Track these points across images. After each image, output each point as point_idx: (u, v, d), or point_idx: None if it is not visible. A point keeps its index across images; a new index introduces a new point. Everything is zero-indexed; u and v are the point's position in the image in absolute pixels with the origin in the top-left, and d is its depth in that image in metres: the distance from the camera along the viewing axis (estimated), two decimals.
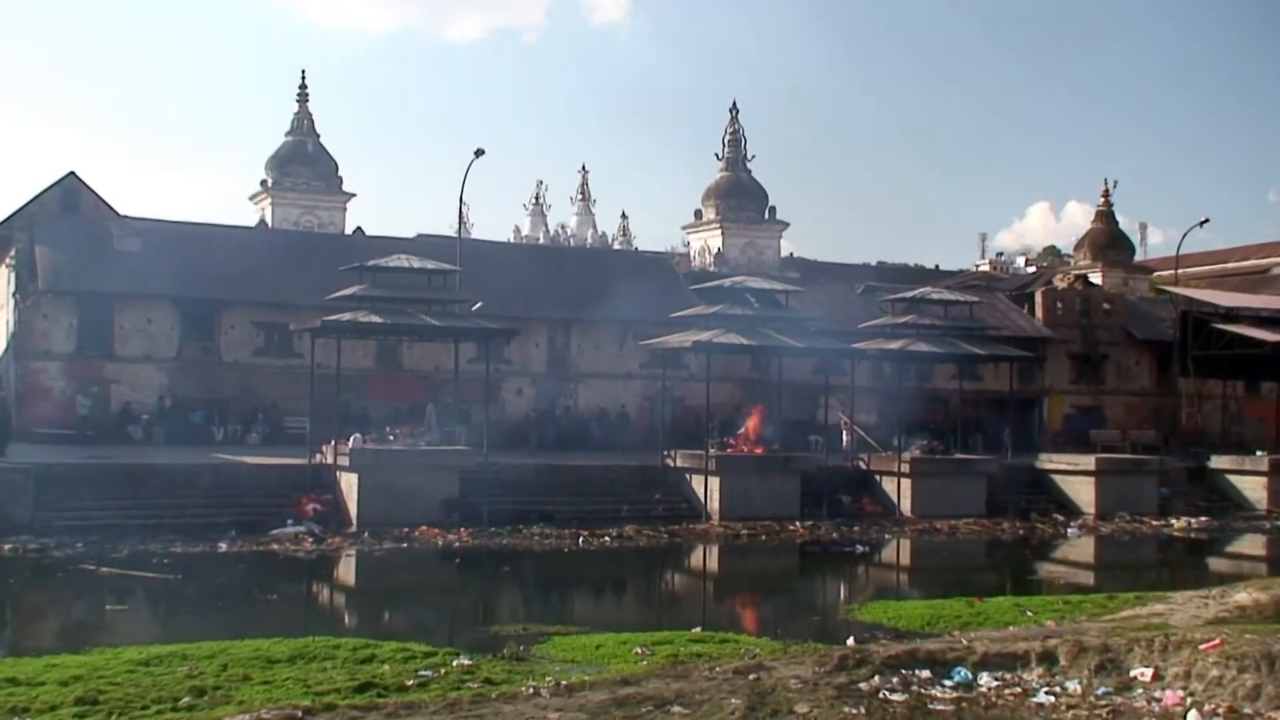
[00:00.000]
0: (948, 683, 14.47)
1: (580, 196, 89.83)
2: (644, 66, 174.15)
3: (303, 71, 68.96)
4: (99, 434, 39.98)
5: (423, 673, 15.67)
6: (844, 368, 44.47)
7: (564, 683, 14.20)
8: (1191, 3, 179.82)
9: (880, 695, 13.77)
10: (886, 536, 36.31)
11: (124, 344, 42.26)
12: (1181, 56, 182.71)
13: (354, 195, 66.80)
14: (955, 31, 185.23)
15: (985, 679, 14.68)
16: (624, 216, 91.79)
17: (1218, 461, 46.09)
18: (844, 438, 43.09)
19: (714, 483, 36.95)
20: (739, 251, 58.10)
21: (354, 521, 32.58)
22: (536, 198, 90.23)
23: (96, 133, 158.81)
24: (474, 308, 40.28)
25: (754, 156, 62.61)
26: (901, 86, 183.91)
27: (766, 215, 59.51)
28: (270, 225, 60.96)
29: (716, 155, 63.02)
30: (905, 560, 34.43)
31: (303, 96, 66.37)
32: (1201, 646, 14.72)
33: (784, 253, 65.41)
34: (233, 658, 16.30)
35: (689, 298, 45.92)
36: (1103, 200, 71.60)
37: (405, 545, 31.00)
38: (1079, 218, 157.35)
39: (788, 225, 62.12)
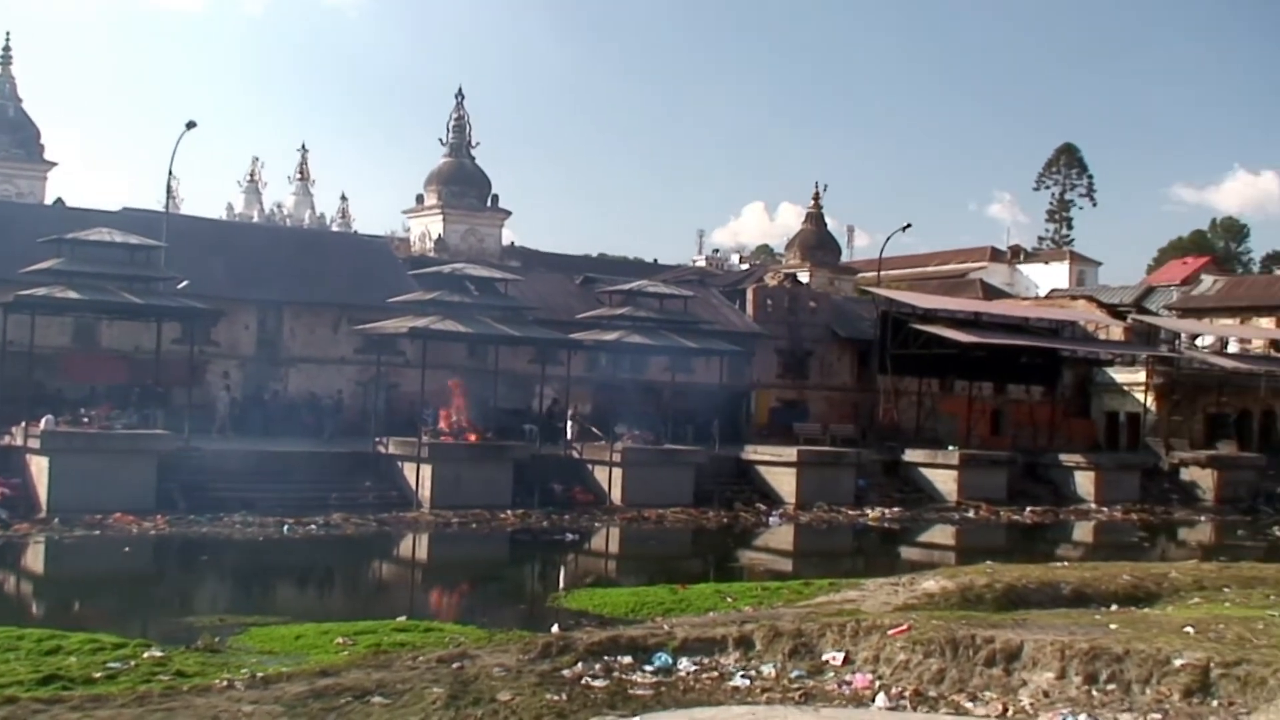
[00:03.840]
0: (649, 668, 14.72)
1: (299, 176, 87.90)
2: (371, 47, 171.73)
3: (7, 33, 65.09)
4: None
5: (112, 665, 15.03)
6: (561, 357, 44.75)
7: (260, 675, 13.87)
8: (898, 14, 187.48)
9: (583, 682, 13.91)
10: (596, 525, 36.73)
11: None
12: (888, 66, 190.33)
13: (55, 164, 63.74)
14: (679, 30, 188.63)
15: (685, 664, 14.98)
16: (344, 199, 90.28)
17: (912, 455, 48.20)
18: (569, 427, 43.27)
19: (426, 470, 36.66)
20: (460, 238, 57.73)
21: (44, 507, 31.01)
22: (252, 175, 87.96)
23: None
24: (179, 286, 38.76)
25: (478, 143, 62.46)
26: (627, 82, 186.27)
27: (489, 203, 59.33)
28: None
29: (441, 140, 62.56)
30: (614, 548, 34.94)
31: (5, 59, 62.86)
32: (890, 632, 15.35)
33: (505, 241, 65.38)
34: None
35: (408, 283, 45.39)
36: (813, 203, 73.92)
37: (98, 532, 29.71)
38: (791, 218, 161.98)
39: (510, 214, 62.16)
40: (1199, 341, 71.69)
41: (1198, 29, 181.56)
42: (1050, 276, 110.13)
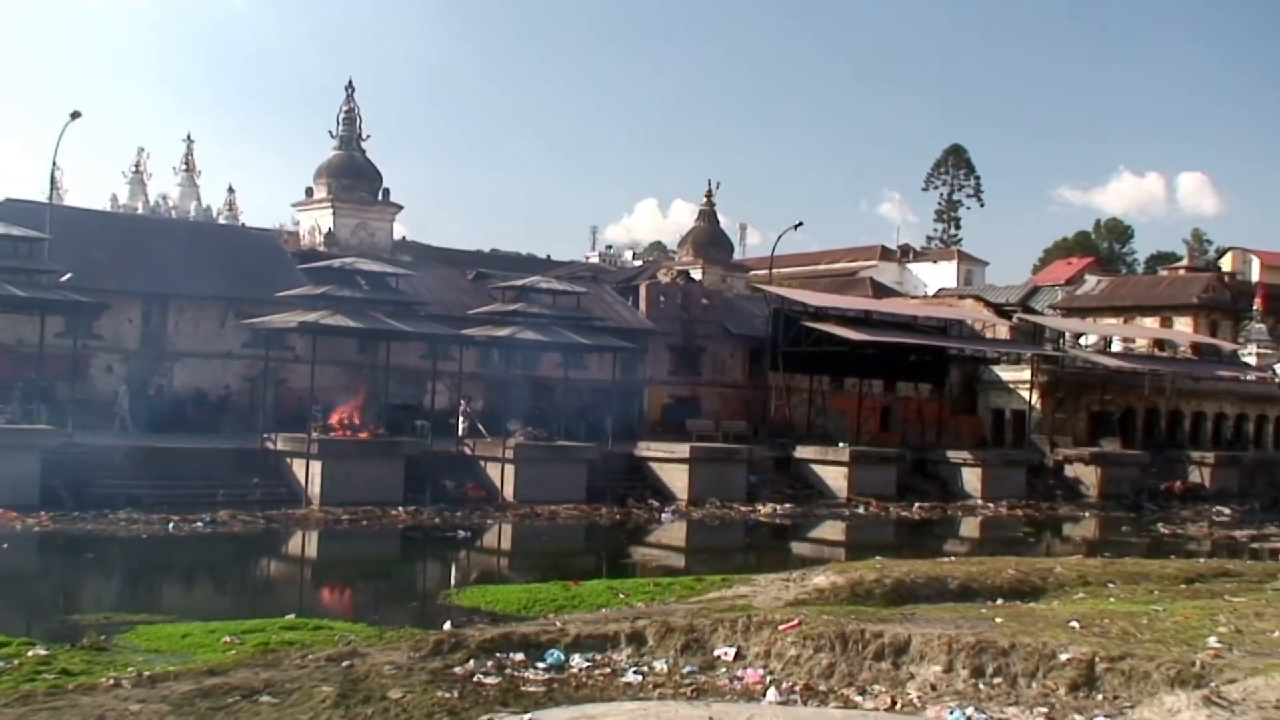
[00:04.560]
0: (541, 665, 14.69)
1: (184, 167, 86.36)
2: (260, 38, 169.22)
3: None
4: None
5: None
6: (453, 353, 44.48)
7: (147, 674, 13.63)
8: (792, 13, 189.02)
9: (475, 679, 13.85)
10: (489, 521, 36.58)
11: None
12: (782, 64, 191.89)
13: None
14: (573, 26, 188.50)
15: (577, 660, 14.98)
16: (231, 191, 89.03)
17: (803, 452, 48.63)
18: (461, 423, 43.02)
19: (315, 467, 36.28)
20: (351, 232, 56.98)
21: None
22: (137, 166, 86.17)
23: None
24: (62, 279, 38.00)
25: (369, 136, 61.71)
26: (522, 78, 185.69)
27: (380, 197, 58.61)
28: None
29: (331, 133, 61.69)
30: (506, 545, 34.82)
31: None
32: (781, 627, 15.47)
33: (397, 236, 64.68)
34: None
35: (297, 277, 44.76)
36: (706, 200, 74.03)
37: None
38: (684, 215, 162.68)
39: (401, 208, 61.50)
40: (1083, 340, 73.25)
41: (1084, 31, 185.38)
42: (939, 275, 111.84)
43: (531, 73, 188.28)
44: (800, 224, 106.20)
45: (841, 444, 49.22)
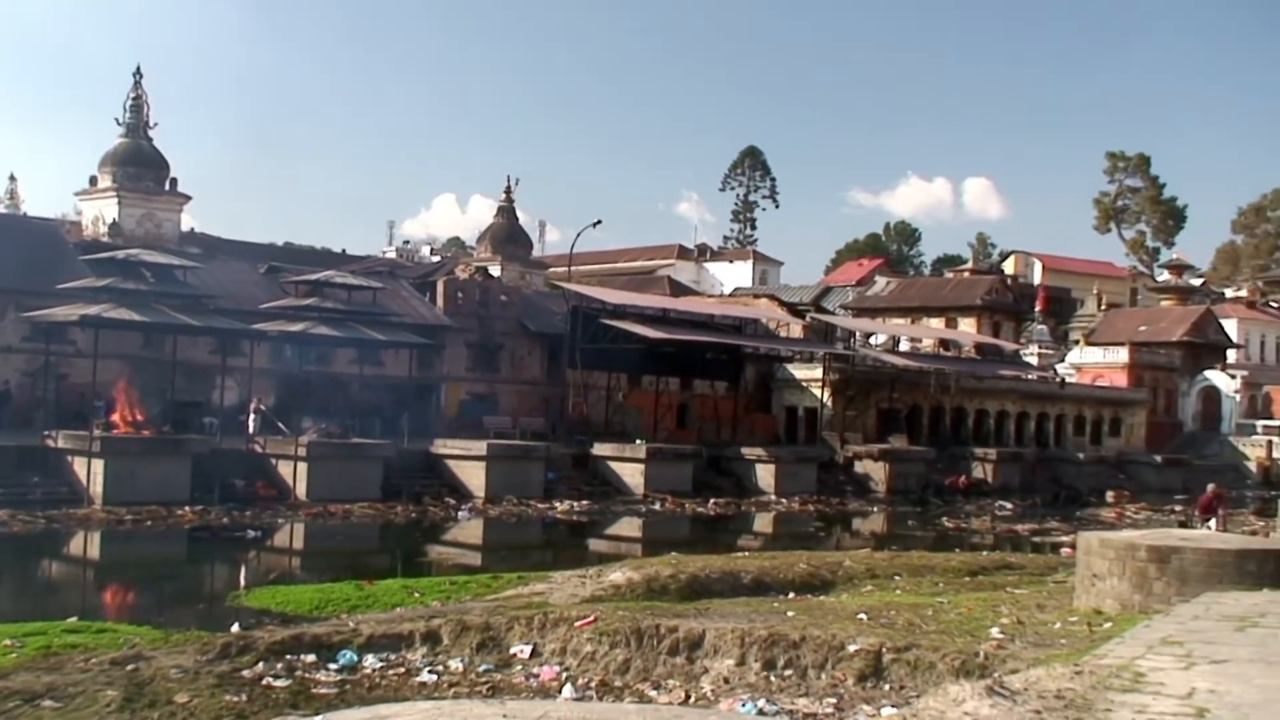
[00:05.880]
0: (333, 666, 14.49)
1: None
2: (43, 21, 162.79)
3: None
4: None
5: None
6: (243, 348, 43.49)
7: None
8: (590, 12, 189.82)
9: (264, 681, 13.61)
10: (280, 521, 35.87)
11: None
12: (581, 62, 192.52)
13: None
14: (370, 18, 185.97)
15: (371, 660, 14.82)
16: (13, 179, 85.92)
17: (600, 449, 48.81)
18: (251, 421, 41.97)
19: (98, 465, 35.11)
20: (136, 223, 55.22)
21: None
22: None
23: None
24: None
25: (157, 124, 59.97)
26: (317, 68, 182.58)
27: (167, 186, 56.96)
28: None
29: (117, 120, 59.76)
30: (298, 544, 34.22)
31: None
32: (577, 624, 15.53)
33: (186, 227, 62.97)
34: None
35: (80, 269, 43.21)
36: (505, 196, 73.91)
37: None
38: (483, 211, 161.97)
39: (190, 199, 59.77)
40: (873, 340, 75.24)
41: (876, 38, 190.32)
42: (735, 275, 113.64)
43: (327, 64, 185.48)
44: (599, 222, 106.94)
45: (639, 441, 49.53)
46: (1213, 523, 31.17)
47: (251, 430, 41.44)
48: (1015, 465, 61.34)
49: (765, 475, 51.32)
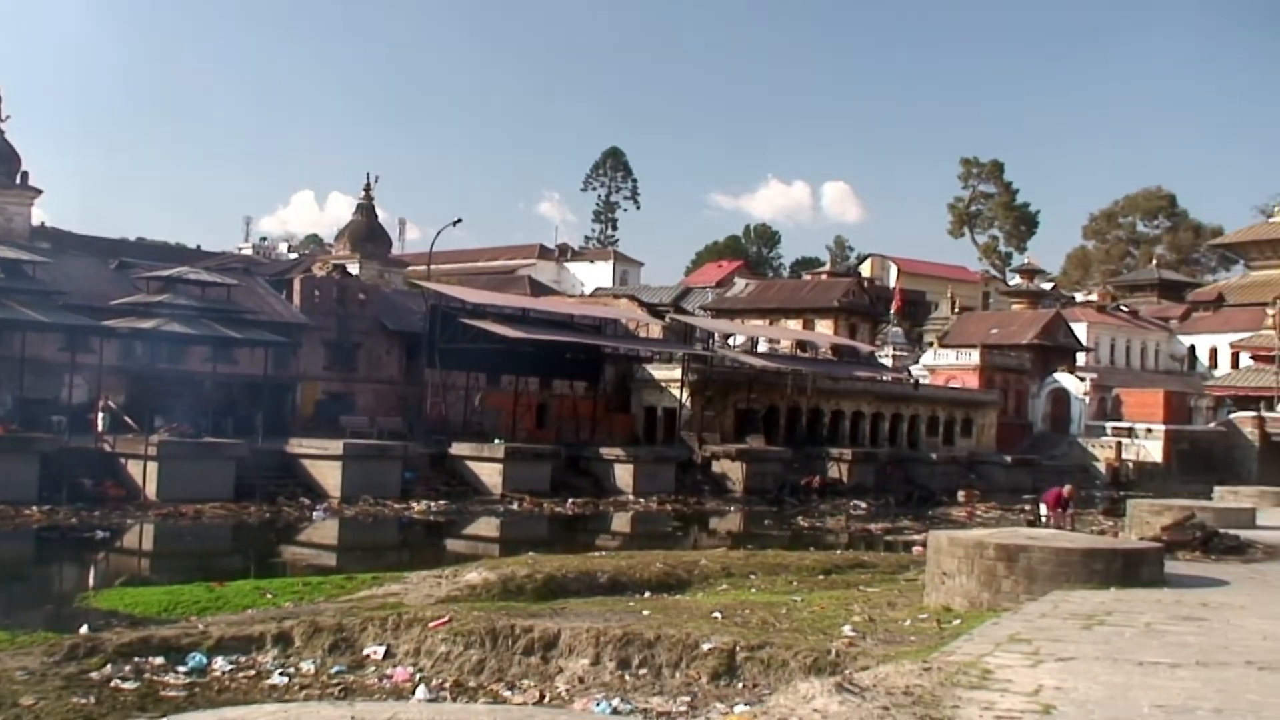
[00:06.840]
0: (182, 668, 14.29)
1: None
2: None
3: None
4: None
5: None
6: (93, 345, 42.49)
7: None
8: (454, 14, 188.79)
9: (112, 684, 13.40)
10: (129, 521, 35.14)
11: None
12: (444, 60, 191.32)
13: None
14: (228, 13, 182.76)
15: (220, 663, 14.63)
16: None
17: (458, 448, 48.56)
18: (100, 419, 40.99)
19: None
20: None
21: None
22: None
23: None
24: None
25: (9, 117, 58.34)
26: (173, 62, 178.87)
27: (18, 180, 55.42)
28: None
29: None
30: (148, 545, 33.55)
31: None
32: (431, 624, 15.49)
33: (36, 221, 61.35)
34: None
35: None
36: (364, 194, 73.23)
37: None
38: (342, 209, 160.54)
39: (40, 192, 58.29)
40: (731, 341, 75.95)
41: (735, 44, 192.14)
42: (595, 275, 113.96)
43: (183, 57, 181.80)
44: (459, 221, 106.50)
45: (497, 441, 49.42)
46: (1049, 517, 31.99)
47: (100, 429, 40.51)
48: (870, 465, 62.28)
49: (624, 475, 51.50)
